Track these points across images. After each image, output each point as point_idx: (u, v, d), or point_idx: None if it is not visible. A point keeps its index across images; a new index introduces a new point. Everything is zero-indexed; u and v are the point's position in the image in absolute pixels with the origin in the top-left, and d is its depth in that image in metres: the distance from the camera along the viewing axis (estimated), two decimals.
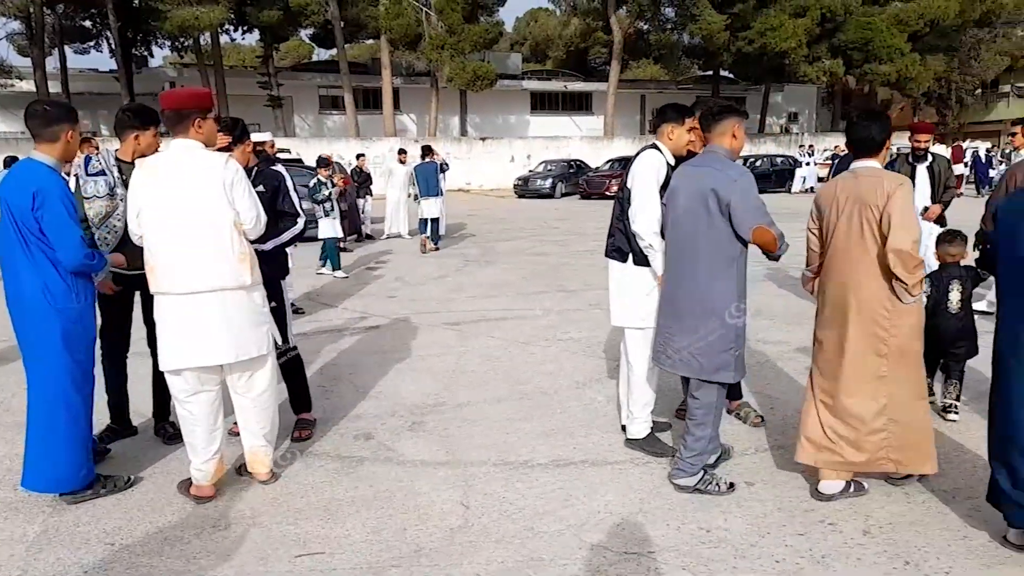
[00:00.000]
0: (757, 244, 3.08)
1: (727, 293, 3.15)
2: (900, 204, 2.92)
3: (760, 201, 3.09)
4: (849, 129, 3.31)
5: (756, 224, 3.02)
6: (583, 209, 20.39)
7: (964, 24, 33.67)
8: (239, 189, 3.17)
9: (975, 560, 2.72)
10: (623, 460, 3.70)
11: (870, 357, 3.06)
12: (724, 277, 3.15)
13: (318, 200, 9.51)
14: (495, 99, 34.48)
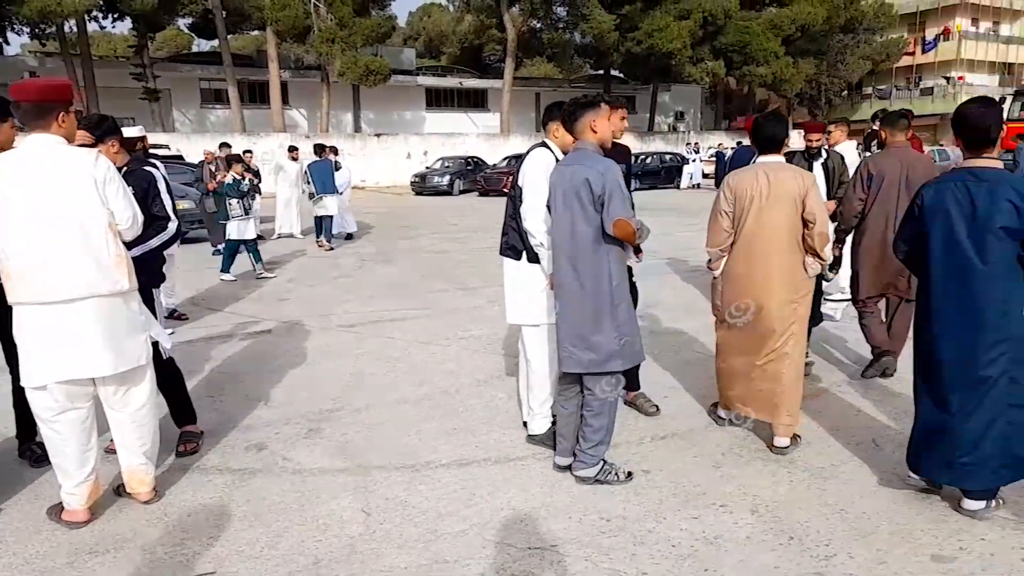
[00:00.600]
0: (617, 236, 3.15)
1: (607, 285, 3.22)
2: (816, 195, 3.54)
3: (624, 193, 3.15)
4: (757, 128, 3.72)
5: (618, 216, 3.11)
6: (482, 206, 20.43)
7: (831, 30, 36.27)
8: (112, 187, 2.95)
9: (851, 532, 2.91)
10: (525, 456, 3.72)
11: (783, 322, 3.61)
12: (603, 269, 3.22)
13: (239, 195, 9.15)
14: (389, 95, 33.94)
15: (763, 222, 3.56)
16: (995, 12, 43.89)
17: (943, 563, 2.68)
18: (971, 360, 2.89)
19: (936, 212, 2.97)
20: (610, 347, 3.23)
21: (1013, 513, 3.00)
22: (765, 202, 3.54)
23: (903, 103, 41.64)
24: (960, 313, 2.92)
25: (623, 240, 3.18)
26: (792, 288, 3.60)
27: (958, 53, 42.30)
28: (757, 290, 3.62)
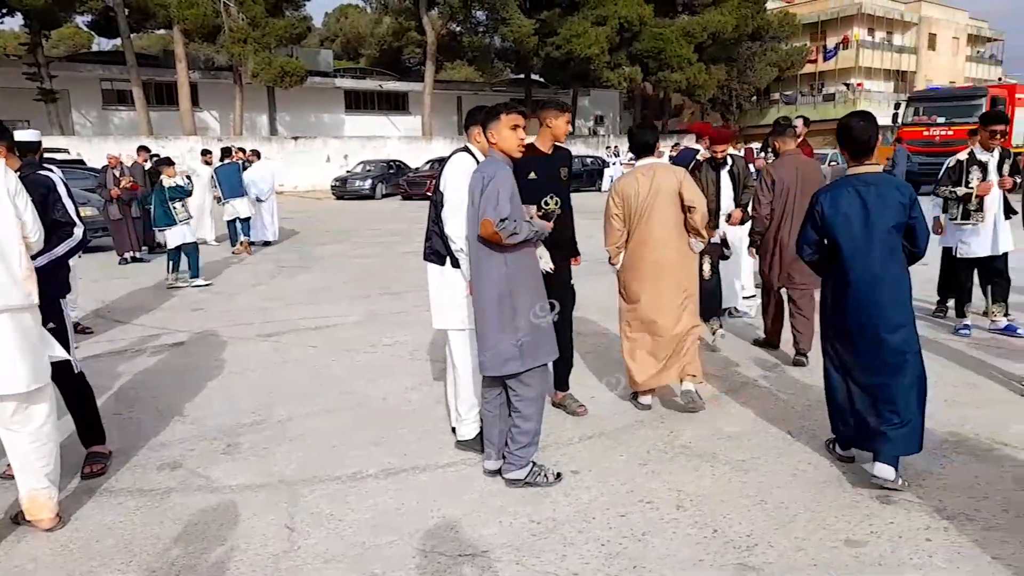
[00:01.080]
0: (483, 236, 3.17)
1: (503, 287, 3.22)
2: (691, 184, 4.14)
3: (498, 198, 3.09)
4: (631, 137, 4.38)
5: (483, 217, 3.13)
6: (405, 210, 20.21)
7: (740, 38, 37.79)
8: (22, 198, 2.88)
9: (770, 522, 3.02)
10: (455, 462, 3.69)
11: (679, 294, 4.18)
12: (497, 272, 3.23)
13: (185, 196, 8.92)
14: (306, 97, 33.12)
15: (650, 216, 4.10)
16: (888, 23, 46.79)
17: (856, 547, 2.81)
18: (881, 344, 3.25)
19: (836, 216, 3.32)
20: (506, 349, 3.24)
21: (917, 497, 3.18)
22: (648, 199, 4.09)
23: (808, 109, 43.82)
24: (870, 302, 3.27)
25: (488, 239, 3.17)
26: (682, 268, 4.19)
27: (856, 61, 44.86)
28: (654, 275, 4.15)
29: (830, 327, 3.48)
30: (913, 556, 2.73)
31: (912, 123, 22.11)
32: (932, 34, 48.40)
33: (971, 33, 51.86)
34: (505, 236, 3.13)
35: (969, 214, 5.70)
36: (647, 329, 4.23)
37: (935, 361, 5.12)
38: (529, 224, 3.26)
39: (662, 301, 4.16)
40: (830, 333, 3.48)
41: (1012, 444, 3.68)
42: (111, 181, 10.60)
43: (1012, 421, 3.98)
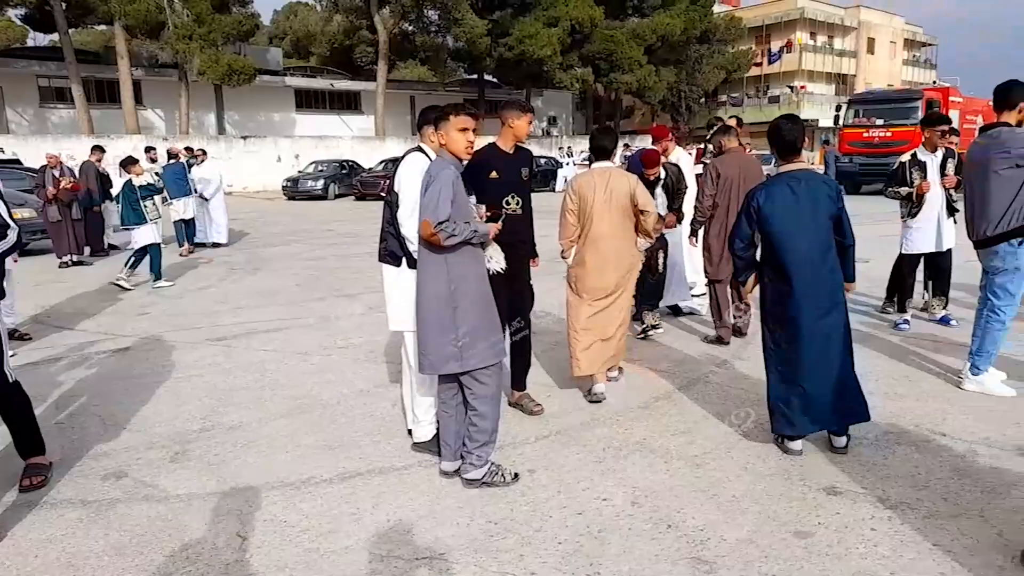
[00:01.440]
0: (422, 236, 3.18)
1: (444, 288, 3.25)
2: (642, 190, 4.43)
3: (439, 199, 3.08)
4: (592, 140, 4.62)
5: (422, 218, 3.14)
6: (359, 210, 19.99)
7: (688, 40, 38.50)
8: None
9: (722, 515, 3.08)
10: (411, 465, 3.66)
11: (619, 291, 4.46)
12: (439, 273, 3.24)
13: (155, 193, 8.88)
14: (256, 95, 32.49)
15: (602, 216, 4.35)
16: (829, 27, 48.24)
17: (805, 538, 2.89)
18: (820, 328, 3.53)
19: (773, 210, 3.58)
20: (446, 350, 3.24)
21: (862, 487, 3.29)
22: (603, 200, 4.35)
23: (754, 110, 44.86)
24: (808, 290, 3.54)
25: (427, 240, 3.17)
26: (625, 266, 4.45)
27: (799, 64, 46.13)
28: (600, 271, 4.40)
29: (770, 317, 3.70)
30: (859, 545, 2.82)
31: (853, 125, 22.86)
32: (871, 38, 50.10)
33: (907, 38, 53.86)
34: (443, 238, 3.11)
35: (915, 212, 5.94)
36: (591, 322, 4.45)
37: (878, 357, 5.31)
38: (469, 226, 3.23)
39: (606, 296, 4.44)
40: (770, 323, 3.70)
41: (950, 435, 3.83)
42: (50, 181, 10.22)
43: (949, 413, 4.15)
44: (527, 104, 4.06)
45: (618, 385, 4.84)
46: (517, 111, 3.96)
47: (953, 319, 6.13)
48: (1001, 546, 2.76)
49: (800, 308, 3.53)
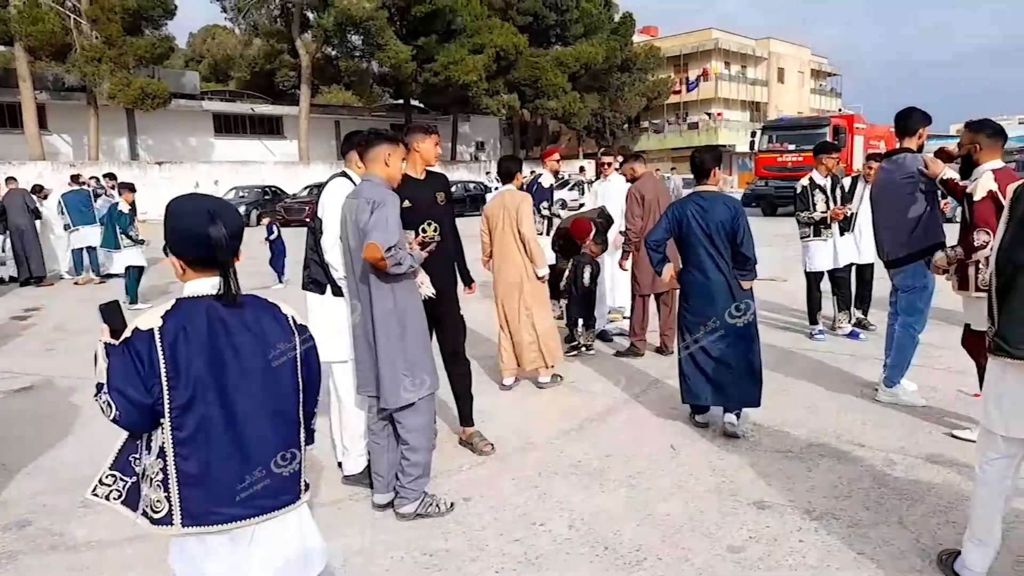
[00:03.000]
0: (366, 258, 3.05)
1: (392, 318, 3.16)
2: (527, 207, 5.01)
3: (387, 221, 3.00)
4: (499, 166, 5.35)
5: (370, 240, 2.99)
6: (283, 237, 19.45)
7: (610, 68, 39.68)
8: None
9: (658, 534, 3.10)
10: (341, 499, 3.54)
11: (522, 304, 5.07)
12: (387, 303, 3.15)
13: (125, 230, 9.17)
14: (171, 120, 31.38)
15: (504, 235, 5.03)
16: (742, 57, 50.67)
17: (737, 553, 2.93)
18: (726, 324, 4.16)
19: (689, 222, 4.20)
20: (399, 380, 3.17)
21: (789, 500, 3.38)
22: (505, 221, 5.00)
23: (674, 136, 46.53)
24: (717, 287, 4.17)
25: (372, 263, 3.06)
26: (525, 281, 5.05)
27: (716, 92, 48.19)
28: (506, 285, 5.09)
29: (684, 309, 4.34)
30: (788, 557, 2.88)
31: (767, 150, 23.94)
32: (780, 68, 52.87)
33: (814, 68, 57.13)
34: (391, 264, 3.03)
35: (820, 231, 6.41)
36: (507, 329, 5.17)
37: (800, 372, 5.50)
38: (408, 254, 3.19)
39: (511, 307, 5.11)
40: (685, 320, 4.32)
41: (869, 445, 4.00)
42: None
43: (867, 424, 4.33)
44: (430, 126, 3.85)
45: (552, 408, 4.85)
46: (420, 134, 3.76)
47: (862, 333, 6.45)
48: (919, 551, 2.88)
49: (708, 309, 4.19)
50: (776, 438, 4.14)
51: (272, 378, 1.85)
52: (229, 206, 1.88)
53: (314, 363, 2.01)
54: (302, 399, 1.95)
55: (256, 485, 1.80)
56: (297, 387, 1.92)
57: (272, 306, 1.94)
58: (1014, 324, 2.38)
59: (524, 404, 4.98)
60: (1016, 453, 2.49)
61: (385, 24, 31.02)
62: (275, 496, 1.83)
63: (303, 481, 1.92)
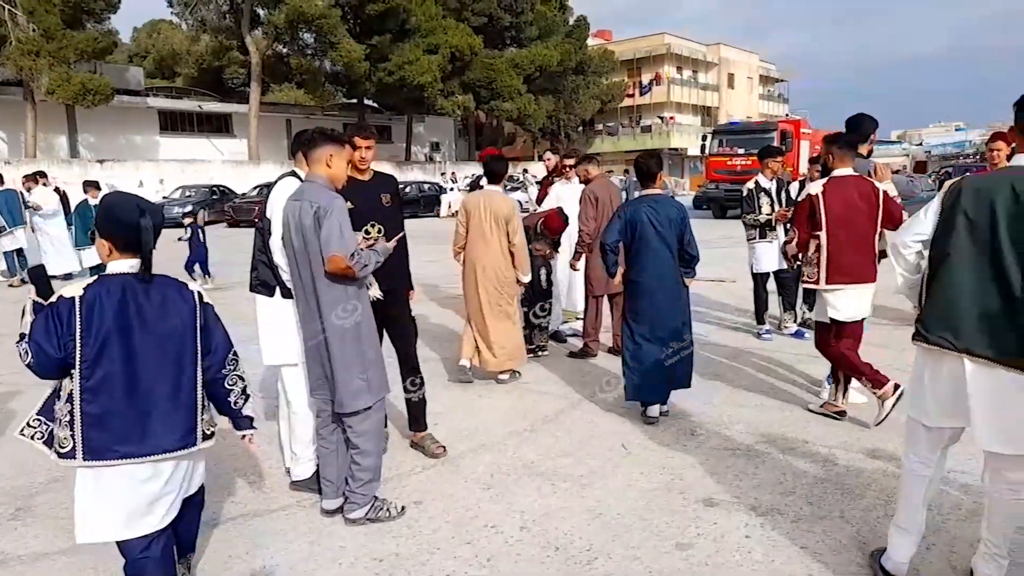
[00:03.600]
0: (332, 272, 3.01)
1: (349, 320, 3.11)
2: (517, 218, 5.11)
3: (342, 229, 2.98)
4: (485, 166, 5.39)
5: (330, 253, 2.96)
6: (231, 237, 19.07)
7: (565, 71, 39.94)
8: None
9: (608, 534, 3.12)
10: (289, 505, 3.47)
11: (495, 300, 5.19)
12: (341, 305, 3.09)
13: None
14: (115, 117, 30.39)
15: (482, 232, 5.12)
16: (694, 62, 51.62)
17: (685, 550, 2.97)
18: (673, 317, 4.44)
19: (639, 224, 4.40)
20: (355, 384, 3.13)
21: (735, 496, 3.44)
22: (488, 221, 5.09)
23: (628, 139, 47.09)
24: (664, 287, 4.41)
25: (339, 275, 3.03)
26: (501, 277, 5.17)
27: (668, 96, 48.97)
28: (481, 281, 5.17)
29: (629, 309, 4.55)
30: (735, 553, 2.93)
31: (718, 153, 24.41)
32: (731, 74, 54.03)
33: (762, 74, 58.54)
34: (358, 269, 3.01)
35: (766, 233, 6.59)
36: (473, 321, 5.29)
37: (746, 371, 5.62)
38: (370, 252, 3.15)
39: (489, 301, 5.19)
40: (629, 315, 4.54)
41: (812, 442, 4.10)
42: None
43: (812, 421, 4.44)
44: (367, 127, 3.81)
45: (504, 409, 4.84)
46: (359, 136, 3.70)
47: (807, 332, 6.61)
48: (860, 544, 2.96)
49: (651, 305, 4.42)
50: (724, 436, 4.22)
51: (173, 342, 2.32)
52: (153, 204, 2.39)
53: (215, 331, 2.49)
54: (203, 362, 2.41)
55: (150, 429, 2.23)
56: (196, 351, 2.38)
57: (181, 284, 2.41)
58: (932, 312, 2.46)
59: (477, 405, 4.96)
60: (939, 441, 2.55)
61: (338, 22, 30.64)
62: (167, 440, 2.27)
63: (200, 431, 2.38)
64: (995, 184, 2.35)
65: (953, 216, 2.41)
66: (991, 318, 2.32)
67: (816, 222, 4.23)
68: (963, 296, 2.37)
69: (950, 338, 2.38)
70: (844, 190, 4.19)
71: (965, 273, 2.37)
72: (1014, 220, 2.27)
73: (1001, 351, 2.29)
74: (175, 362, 2.32)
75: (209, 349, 2.43)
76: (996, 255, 2.30)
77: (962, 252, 2.38)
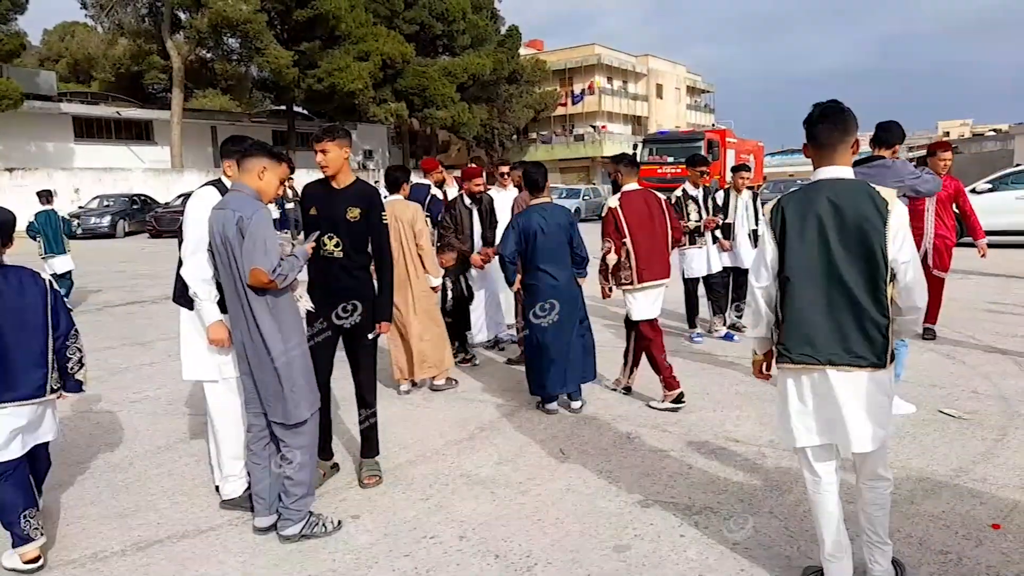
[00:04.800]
0: (252, 285, 2.96)
1: (273, 330, 3.04)
2: (422, 222, 5.20)
3: (266, 242, 2.94)
4: (386, 175, 5.43)
5: (252, 266, 2.92)
6: (154, 249, 18.36)
7: (498, 80, 40.15)
8: None
9: (547, 539, 3.13)
10: (220, 524, 3.35)
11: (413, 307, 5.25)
12: (266, 314, 3.04)
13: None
14: (24, 123, 28.79)
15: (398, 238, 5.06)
16: (623, 73, 52.68)
17: (623, 552, 3.01)
18: (572, 312, 4.77)
19: (531, 232, 4.70)
20: (293, 395, 3.07)
21: (671, 497, 3.51)
22: (396, 226, 5.03)
23: (562, 148, 47.67)
24: (563, 287, 4.73)
25: (261, 288, 2.98)
26: (421, 284, 5.25)
27: (599, 106, 49.80)
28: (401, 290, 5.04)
29: (528, 309, 4.77)
30: (671, 553, 2.99)
31: (648, 162, 25.01)
32: (659, 84, 55.38)
33: (689, 85, 60.23)
34: (280, 283, 2.97)
35: (695, 239, 6.74)
36: (399, 334, 5.27)
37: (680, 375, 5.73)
38: (291, 259, 3.09)
39: (403, 312, 5.20)
40: (529, 314, 4.76)
41: (742, 440, 4.23)
42: None
43: (740, 420, 4.58)
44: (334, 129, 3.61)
45: (443, 418, 4.81)
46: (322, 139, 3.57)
47: (736, 335, 6.84)
48: (788, 538, 3.07)
49: (549, 299, 4.69)
50: (658, 439, 4.30)
51: (27, 317, 2.94)
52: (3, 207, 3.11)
53: (62, 312, 3.07)
54: (52, 336, 3.01)
55: (13, 383, 2.90)
56: (47, 326, 2.99)
57: (34, 273, 3.04)
58: (791, 331, 2.49)
59: (415, 415, 4.91)
60: (826, 459, 2.56)
61: (264, 28, 29.94)
62: (25, 390, 2.92)
63: (49, 386, 3.00)
64: (813, 198, 2.47)
65: (785, 237, 2.50)
66: (841, 326, 2.43)
67: (621, 230, 4.82)
68: (814, 310, 2.46)
69: (811, 352, 2.45)
70: (636, 201, 4.88)
71: (810, 288, 2.46)
72: (840, 230, 2.41)
73: (855, 355, 2.41)
74: (33, 332, 2.96)
75: (57, 325, 3.03)
76: (832, 266, 2.43)
77: (804, 269, 2.46)
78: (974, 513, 3.23)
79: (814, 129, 2.52)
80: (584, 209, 27.97)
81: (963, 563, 2.83)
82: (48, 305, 2.99)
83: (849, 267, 2.41)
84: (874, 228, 2.38)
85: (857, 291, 2.40)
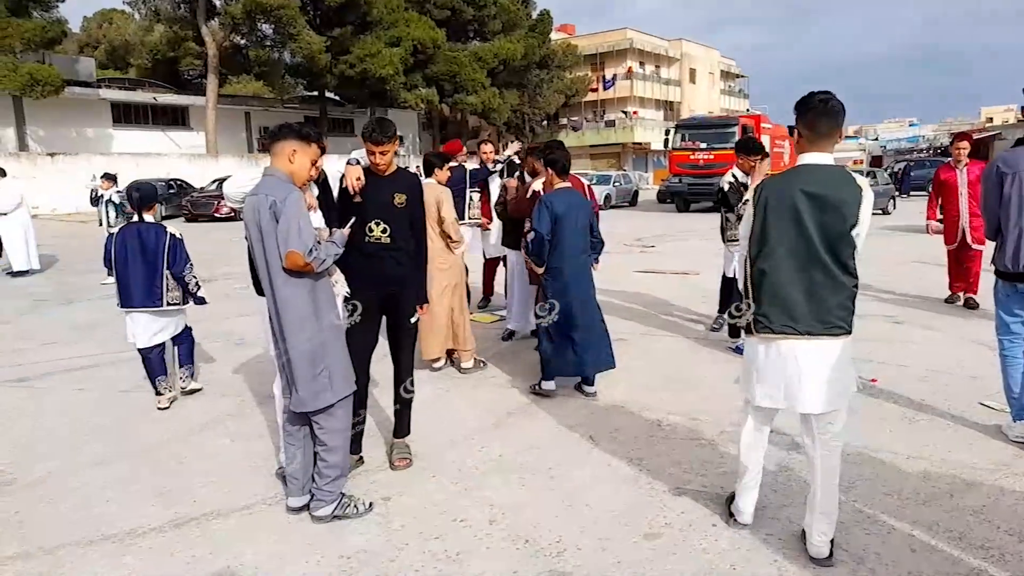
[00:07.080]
0: (289, 268, 2.97)
1: (310, 316, 3.06)
2: (449, 203, 5.29)
3: (300, 225, 2.93)
4: (423, 160, 5.65)
5: (288, 249, 2.93)
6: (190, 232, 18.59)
7: (529, 65, 39.92)
8: None
9: (576, 526, 3.13)
10: (254, 503, 3.41)
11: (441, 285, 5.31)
12: (302, 300, 3.04)
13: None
14: (65, 109, 29.40)
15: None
16: (656, 57, 52.06)
17: (654, 540, 3.00)
18: (584, 303, 4.80)
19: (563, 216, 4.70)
20: (318, 383, 3.08)
21: (702, 486, 3.48)
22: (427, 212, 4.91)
23: (592, 133, 47.30)
24: (576, 270, 4.79)
25: (298, 270, 2.99)
26: (441, 261, 5.26)
27: (631, 91, 49.30)
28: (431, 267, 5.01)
29: (549, 290, 4.79)
30: (701, 541, 2.97)
31: (680, 148, 24.67)
32: (692, 69, 54.61)
33: (723, 69, 59.29)
34: (317, 266, 2.97)
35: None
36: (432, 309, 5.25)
37: (709, 365, 5.68)
38: (329, 244, 3.11)
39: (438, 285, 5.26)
40: (547, 295, 4.79)
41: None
42: None
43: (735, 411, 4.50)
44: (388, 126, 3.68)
45: (473, 403, 4.83)
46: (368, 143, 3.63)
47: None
48: None
49: (568, 282, 4.75)
50: (689, 428, 4.26)
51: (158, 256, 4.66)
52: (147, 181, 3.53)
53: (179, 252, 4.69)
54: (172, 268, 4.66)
55: (150, 296, 4.67)
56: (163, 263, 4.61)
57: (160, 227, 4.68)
58: (771, 305, 2.73)
59: (444, 400, 4.93)
60: (770, 421, 3.03)
61: (297, 14, 30.10)
62: (153, 301, 4.65)
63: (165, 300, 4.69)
64: (790, 183, 2.69)
65: (766, 218, 2.73)
66: (818, 300, 2.67)
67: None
68: (793, 286, 2.69)
69: (792, 324, 2.70)
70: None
71: (789, 267, 2.70)
72: (814, 212, 2.64)
73: (831, 325, 2.67)
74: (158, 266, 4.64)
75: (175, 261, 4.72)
76: (809, 244, 2.66)
77: (783, 248, 2.70)
78: (1016, 508, 3.15)
79: (816, 119, 2.68)
80: (614, 196, 27.73)
81: (1006, 560, 2.76)
82: (167, 247, 4.67)
83: (826, 244, 2.64)
84: (849, 211, 2.63)
85: (835, 266, 2.66)
